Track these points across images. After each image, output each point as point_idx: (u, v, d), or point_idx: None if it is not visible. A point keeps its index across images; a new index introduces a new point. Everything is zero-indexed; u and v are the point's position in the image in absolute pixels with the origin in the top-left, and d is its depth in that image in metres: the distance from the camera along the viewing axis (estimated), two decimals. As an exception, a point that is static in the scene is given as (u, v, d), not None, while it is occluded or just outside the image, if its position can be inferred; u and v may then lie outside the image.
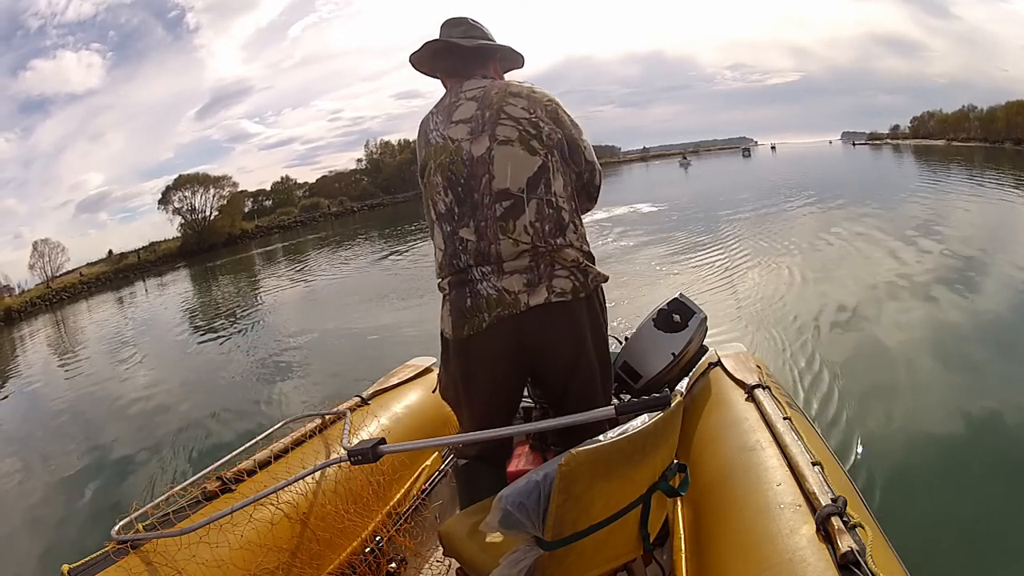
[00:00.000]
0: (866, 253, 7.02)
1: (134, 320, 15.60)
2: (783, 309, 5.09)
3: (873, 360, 3.77)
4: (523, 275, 1.35)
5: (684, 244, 9.09)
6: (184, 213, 45.64)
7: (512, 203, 1.36)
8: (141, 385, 7.09)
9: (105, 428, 5.74)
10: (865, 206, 10.97)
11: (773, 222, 10.22)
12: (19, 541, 3.69)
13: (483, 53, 1.54)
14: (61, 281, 38.04)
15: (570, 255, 1.40)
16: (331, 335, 7.25)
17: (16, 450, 5.89)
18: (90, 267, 41.61)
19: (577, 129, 1.48)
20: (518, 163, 1.37)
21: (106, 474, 4.46)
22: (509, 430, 1.26)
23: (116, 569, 1.10)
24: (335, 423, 1.72)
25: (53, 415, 6.97)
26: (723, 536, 1.14)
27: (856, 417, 3.03)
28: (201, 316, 12.94)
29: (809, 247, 7.64)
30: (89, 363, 10.25)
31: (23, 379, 11.07)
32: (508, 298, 1.35)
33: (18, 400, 9.09)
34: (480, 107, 1.42)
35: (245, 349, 7.68)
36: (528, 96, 1.43)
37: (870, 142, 52.90)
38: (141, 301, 21.10)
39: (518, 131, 1.39)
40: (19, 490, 4.62)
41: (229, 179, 48.38)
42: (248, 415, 4.90)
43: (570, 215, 1.42)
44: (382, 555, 1.53)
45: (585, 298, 1.42)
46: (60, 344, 15.60)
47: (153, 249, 44.31)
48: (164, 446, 4.63)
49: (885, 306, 4.88)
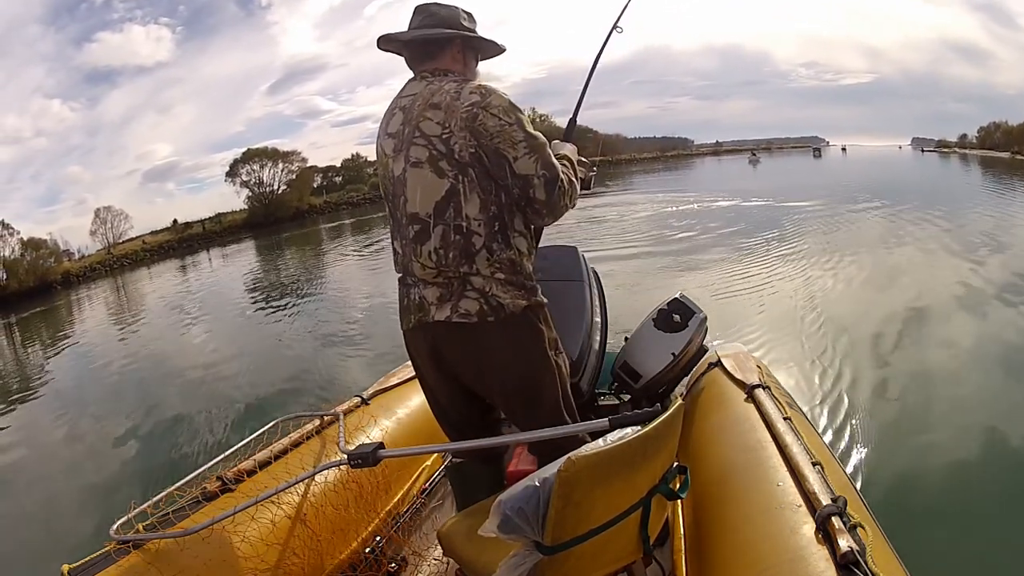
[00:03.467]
0: (922, 264, 6.76)
1: (192, 289, 15.89)
2: (810, 313, 5.03)
3: (881, 363, 3.76)
4: (438, 288, 1.37)
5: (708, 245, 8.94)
6: (252, 186, 45.26)
7: (420, 228, 1.35)
8: (191, 356, 7.22)
9: (142, 402, 5.81)
10: (932, 214, 10.55)
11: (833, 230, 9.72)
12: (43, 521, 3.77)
13: (429, 44, 1.43)
14: (123, 248, 38.50)
15: (475, 283, 1.34)
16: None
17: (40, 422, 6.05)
18: (154, 235, 41.78)
19: (505, 139, 1.29)
20: (426, 187, 1.34)
21: (131, 456, 4.56)
22: (487, 441, 1.29)
23: (116, 569, 1.10)
24: (335, 423, 1.72)
25: (97, 380, 7.25)
26: (723, 536, 1.14)
27: (857, 417, 3.03)
28: (263, 287, 13.10)
29: (867, 258, 7.28)
30: (135, 331, 10.61)
31: (69, 342, 11.50)
32: (425, 306, 1.38)
33: (66, 362, 9.47)
34: (404, 120, 1.39)
35: (306, 321, 7.77)
36: (447, 107, 1.31)
37: (938, 149, 51.77)
38: (204, 270, 21.57)
39: (428, 151, 1.33)
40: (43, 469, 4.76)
41: (298, 154, 47.86)
42: (301, 392, 4.92)
43: (486, 239, 1.32)
44: (382, 555, 1.53)
45: (496, 323, 1.34)
46: (113, 307, 16.33)
47: (218, 220, 43.94)
48: (199, 428, 4.65)
49: (910, 312, 4.81)
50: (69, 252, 36.70)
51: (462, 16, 1.45)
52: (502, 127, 1.29)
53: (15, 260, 32.00)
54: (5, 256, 31.96)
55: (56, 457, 5.17)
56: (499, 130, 1.29)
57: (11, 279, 30.76)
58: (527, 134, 1.31)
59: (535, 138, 1.32)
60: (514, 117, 1.31)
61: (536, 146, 1.32)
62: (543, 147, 1.33)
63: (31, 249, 33.14)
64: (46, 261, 33.22)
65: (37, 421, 6.43)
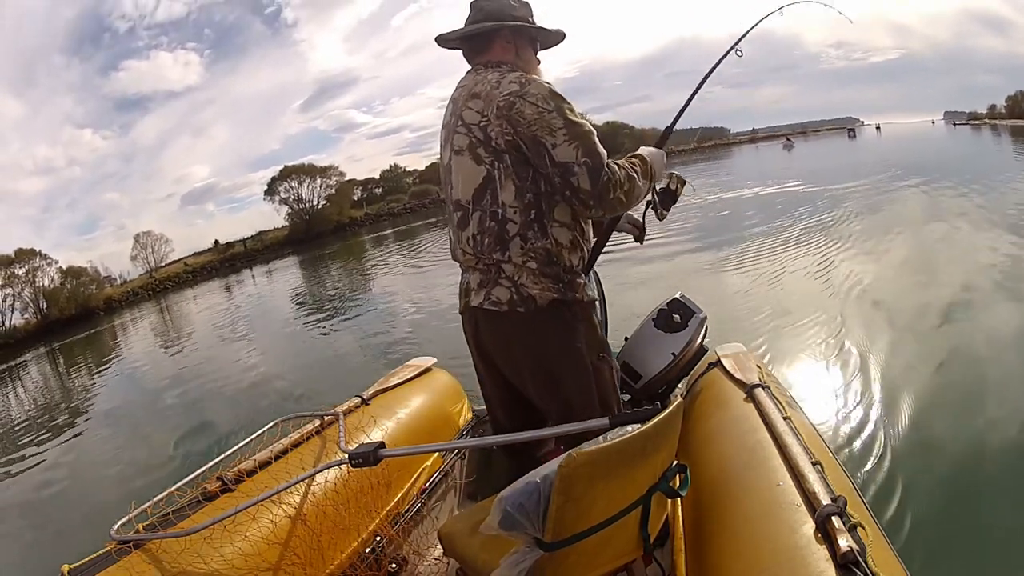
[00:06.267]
0: (935, 258, 6.23)
1: (235, 307, 15.98)
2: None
3: (888, 359, 3.75)
4: (479, 274, 1.41)
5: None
6: (291, 203, 46.07)
7: (462, 215, 1.39)
8: (230, 369, 7.24)
9: (179, 415, 5.89)
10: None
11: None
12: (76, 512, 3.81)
13: (478, 38, 1.44)
14: (165, 271, 39.38)
15: (507, 270, 1.34)
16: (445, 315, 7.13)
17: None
18: (196, 256, 42.59)
19: (543, 126, 1.28)
20: (467, 174, 1.36)
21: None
22: (482, 441, 1.31)
23: (116, 569, 1.10)
24: (335, 423, 1.72)
25: (134, 397, 7.42)
26: (723, 536, 1.14)
27: (859, 419, 3.03)
28: (308, 302, 13.12)
29: (873, 253, 6.84)
30: (176, 349, 10.74)
31: (104, 365, 11.82)
32: (468, 291, 1.44)
33: (101, 381, 9.75)
34: (452, 112, 1.42)
35: (353, 331, 7.80)
36: (486, 96, 1.32)
37: (970, 122, 51.61)
38: (248, 287, 21.73)
39: (468, 139, 1.35)
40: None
41: (336, 168, 48.94)
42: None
43: (520, 227, 1.32)
44: (383, 555, 1.53)
45: (526, 314, 1.33)
46: (157, 329, 16.59)
47: (260, 238, 44.85)
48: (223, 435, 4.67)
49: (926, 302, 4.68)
50: (111, 278, 37.64)
51: (511, 6, 1.43)
52: (540, 114, 1.28)
53: (55, 289, 32.59)
54: (44, 286, 32.59)
55: (66, 464, 5.23)
56: (537, 117, 1.28)
57: (52, 308, 31.39)
58: (568, 121, 1.28)
59: (578, 125, 1.29)
60: (553, 104, 1.29)
61: (579, 134, 1.28)
62: (587, 135, 1.29)
63: (71, 277, 33.80)
64: (87, 288, 33.84)
65: (65, 439, 6.46)
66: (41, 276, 32.92)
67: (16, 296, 31.36)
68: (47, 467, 5.41)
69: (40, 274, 32.96)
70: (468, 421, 2.08)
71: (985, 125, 45.98)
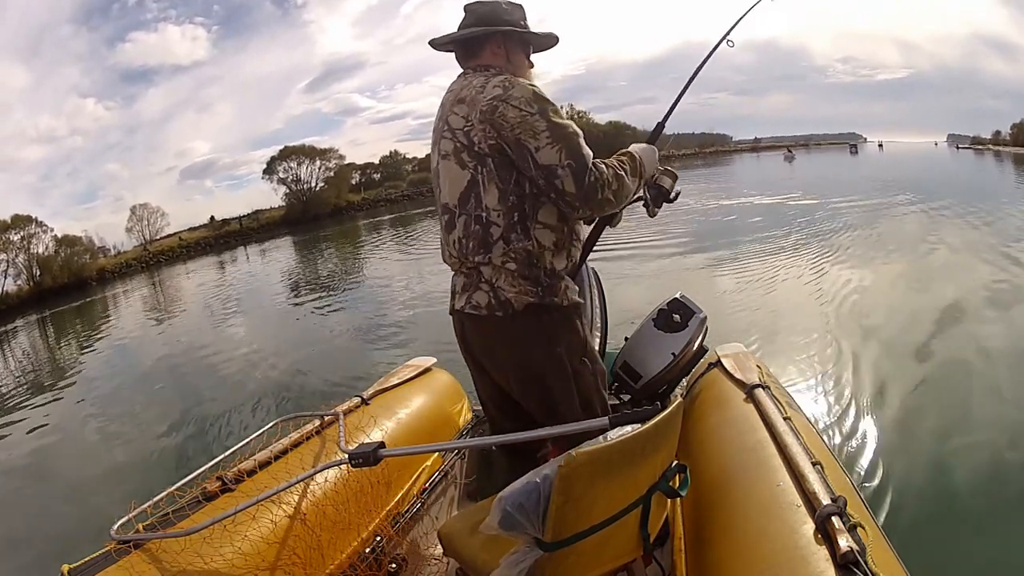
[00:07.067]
0: (932, 267, 6.46)
1: (227, 284, 16.05)
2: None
3: (887, 361, 3.76)
4: (463, 277, 1.43)
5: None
6: (289, 183, 45.61)
7: (449, 218, 1.40)
8: (218, 352, 7.24)
9: (162, 399, 5.87)
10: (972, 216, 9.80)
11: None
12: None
13: (469, 42, 1.44)
14: (160, 244, 39.06)
15: (486, 273, 1.35)
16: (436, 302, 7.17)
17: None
18: (191, 232, 42.21)
19: (526, 129, 1.27)
20: (453, 179, 1.37)
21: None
22: (476, 442, 1.31)
23: (116, 569, 1.10)
24: (335, 423, 1.72)
25: (120, 377, 7.38)
26: (723, 536, 1.14)
27: (859, 419, 3.03)
28: (300, 283, 13.19)
29: (873, 261, 6.97)
30: (166, 327, 10.76)
31: (96, 338, 11.78)
32: (455, 293, 1.46)
33: (89, 358, 9.64)
34: (440, 116, 1.43)
35: (342, 318, 7.83)
36: (471, 101, 1.33)
37: (973, 147, 50.92)
38: (241, 265, 21.75)
39: (453, 144, 1.36)
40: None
41: (336, 151, 48.39)
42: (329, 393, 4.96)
43: (503, 230, 1.31)
44: (383, 555, 1.53)
45: (505, 318, 1.33)
46: (148, 303, 16.56)
47: (256, 217, 44.36)
48: (211, 429, 4.66)
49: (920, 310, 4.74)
50: (105, 249, 37.32)
51: (502, 10, 1.43)
52: (523, 118, 1.28)
53: (49, 257, 32.47)
54: (39, 253, 32.47)
55: (60, 455, 5.20)
56: (520, 121, 1.28)
57: (45, 275, 31.27)
58: (551, 124, 1.28)
59: (561, 127, 1.29)
60: (537, 107, 1.29)
61: (562, 135, 1.28)
62: (571, 137, 1.29)
63: (65, 246, 33.60)
64: (81, 257, 33.68)
65: (48, 417, 6.44)
66: (36, 243, 32.71)
67: (10, 262, 31.16)
68: (41, 456, 5.37)
69: (35, 241, 32.74)
70: (468, 421, 2.08)
71: (988, 151, 45.52)
